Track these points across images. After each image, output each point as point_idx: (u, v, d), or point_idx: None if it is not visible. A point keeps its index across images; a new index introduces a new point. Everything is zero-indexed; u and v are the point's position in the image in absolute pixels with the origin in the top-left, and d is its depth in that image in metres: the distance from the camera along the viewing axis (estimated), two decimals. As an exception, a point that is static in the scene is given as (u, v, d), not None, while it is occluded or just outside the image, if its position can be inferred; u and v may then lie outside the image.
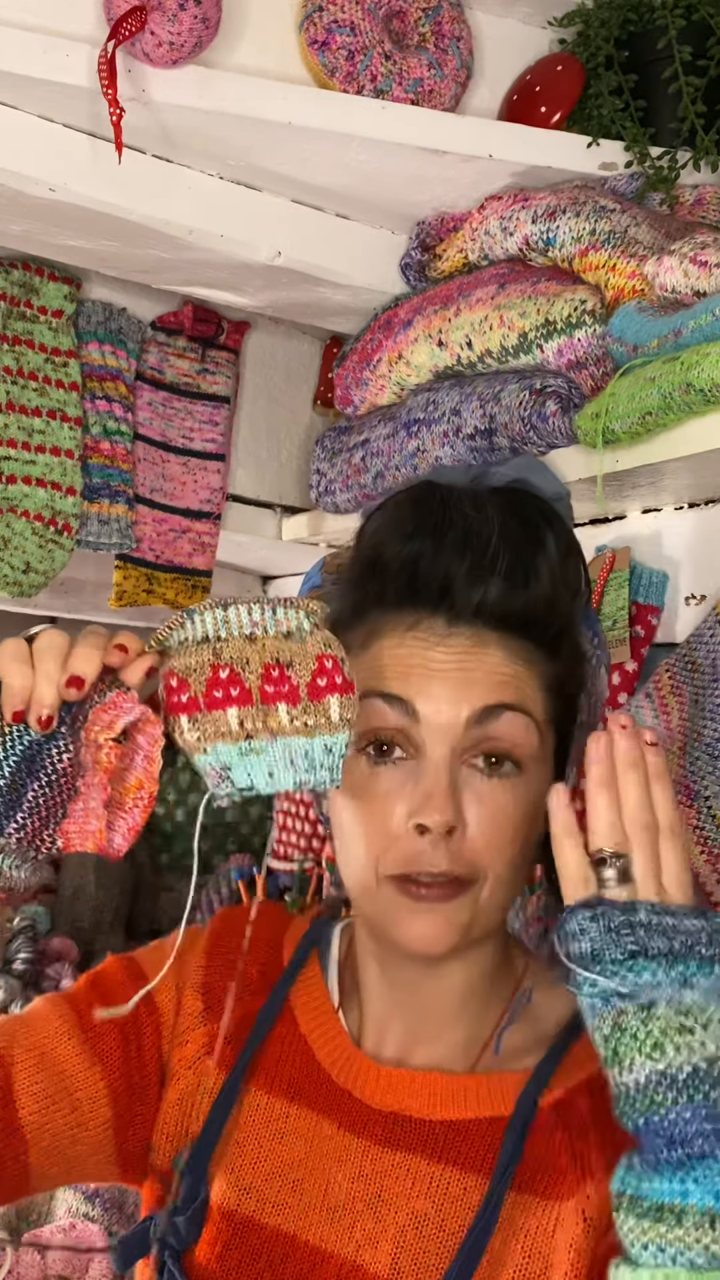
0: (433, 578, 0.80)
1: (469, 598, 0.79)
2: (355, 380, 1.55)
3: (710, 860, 1.10)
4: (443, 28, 1.42)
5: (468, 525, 0.80)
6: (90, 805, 0.76)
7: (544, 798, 0.81)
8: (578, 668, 0.85)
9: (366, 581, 0.84)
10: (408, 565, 0.81)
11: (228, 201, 1.41)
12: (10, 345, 1.58)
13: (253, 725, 0.76)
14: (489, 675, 0.79)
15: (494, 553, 0.79)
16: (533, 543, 0.80)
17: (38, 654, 0.75)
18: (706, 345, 1.03)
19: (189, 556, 1.73)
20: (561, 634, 0.83)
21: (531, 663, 0.81)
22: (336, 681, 0.76)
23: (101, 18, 1.26)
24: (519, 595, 0.79)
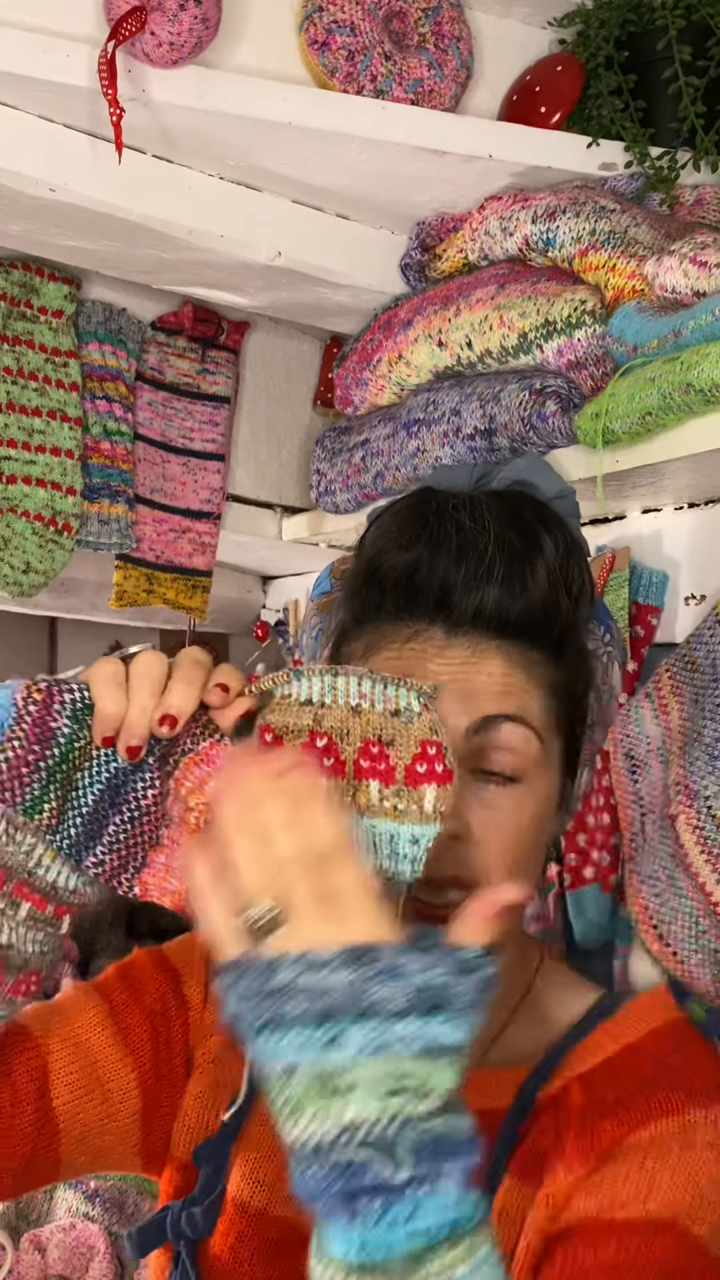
0: (429, 588, 0.80)
1: (466, 607, 0.79)
2: (355, 380, 1.55)
3: (710, 860, 1.10)
4: (443, 28, 1.42)
5: (463, 534, 0.80)
6: (173, 863, 0.73)
7: (549, 802, 0.82)
8: (583, 669, 0.85)
9: (365, 592, 0.85)
10: (405, 576, 0.81)
11: (228, 201, 1.41)
12: (10, 345, 1.58)
13: (340, 799, 0.71)
14: (487, 686, 0.79)
15: (490, 561, 0.79)
16: (529, 549, 0.80)
17: (134, 680, 0.72)
18: (706, 345, 1.03)
19: (189, 557, 1.73)
20: (563, 637, 0.83)
21: (532, 668, 0.81)
22: (437, 770, 0.71)
23: (101, 18, 1.26)
24: (516, 602, 0.79)
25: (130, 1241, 0.88)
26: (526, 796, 0.80)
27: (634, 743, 1.25)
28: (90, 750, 0.72)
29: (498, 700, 0.79)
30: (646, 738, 1.24)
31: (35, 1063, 0.86)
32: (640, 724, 1.25)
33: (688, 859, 1.12)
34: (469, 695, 0.79)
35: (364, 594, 0.85)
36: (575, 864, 1.30)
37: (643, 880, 1.17)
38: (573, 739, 0.86)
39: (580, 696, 0.85)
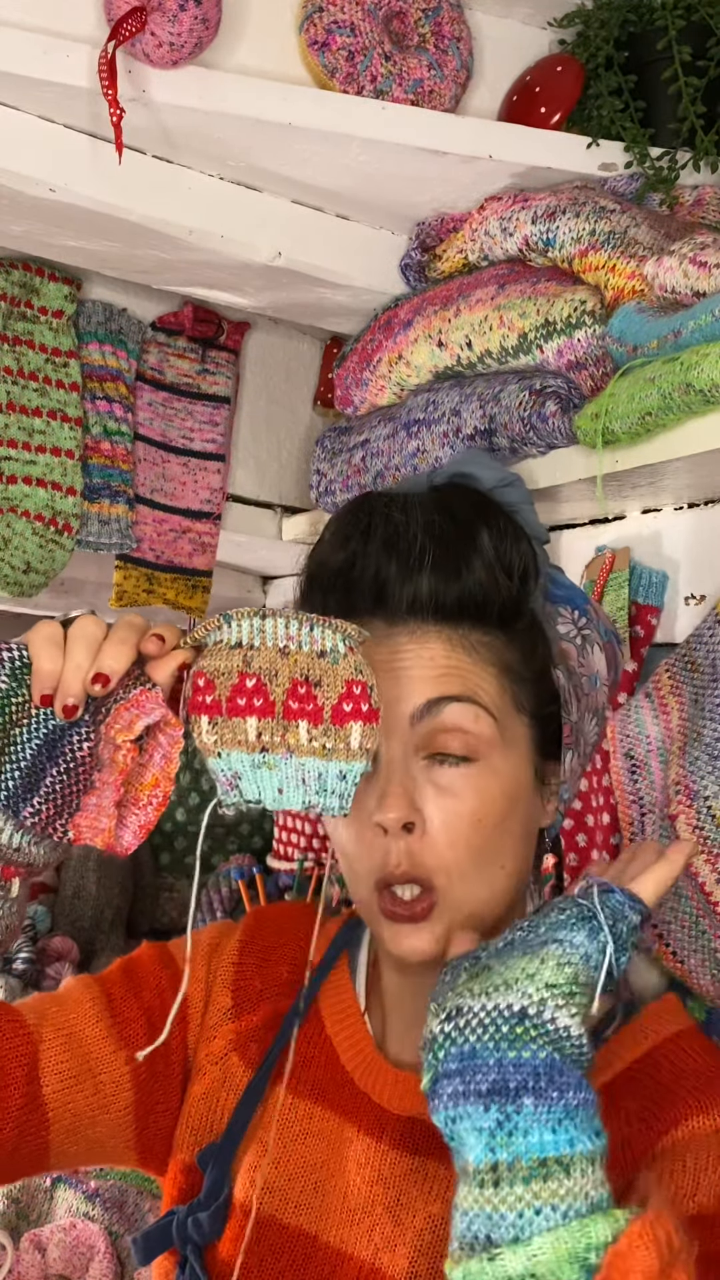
0: (365, 582, 0.82)
1: (402, 596, 0.81)
2: (355, 380, 1.55)
3: (710, 860, 1.10)
4: (443, 28, 1.42)
5: (393, 527, 0.82)
6: (103, 802, 0.77)
7: (517, 783, 0.82)
8: (539, 647, 0.85)
9: (310, 594, 0.87)
10: (342, 574, 0.84)
11: (228, 202, 1.41)
12: (10, 345, 1.58)
13: (270, 738, 0.76)
14: (428, 670, 0.81)
15: (421, 549, 0.81)
16: (461, 534, 0.82)
17: (70, 641, 0.75)
18: (706, 345, 1.03)
19: (189, 557, 1.73)
20: (509, 617, 0.83)
21: (477, 649, 0.82)
22: (362, 709, 0.75)
23: (101, 18, 1.26)
24: (451, 587, 0.81)
25: (135, 1247, 0.88)
26: (484, 776, 0.81)
27: (634, 743, 1.25)
28: (28, 708, 0.75)
29: (439, 683, 0.80)
30: (646, 738, 1.24)
31: (25, 1049, 0.86)
32: (640, 724, 1.25)
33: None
34: (411, 680, 0.80)
35: (309, 596, 0.87)
36: (575, 864, 1.30)
37: (642, 880, 1.17)
38: (545, 721, 0.86)
39: (541, 675, 0.85)
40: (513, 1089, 0.64)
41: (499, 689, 0.82)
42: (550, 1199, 0.61)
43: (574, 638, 0.88)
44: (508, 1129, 0.63)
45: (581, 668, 0.88)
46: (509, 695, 0.83)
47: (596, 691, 0.90)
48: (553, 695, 0.86)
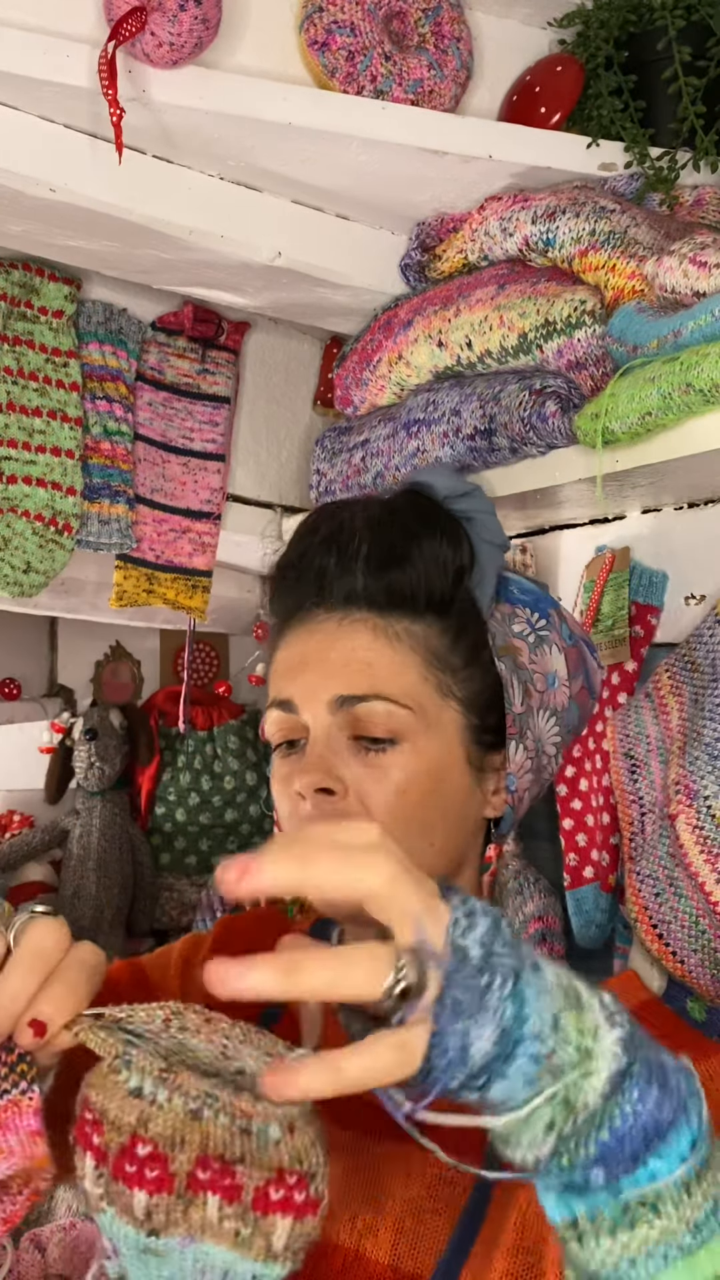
0: (309, 576, 0.88)
1: (338, 588, 0.87)
2: (355, 380, 1.55)
3: (710, 860, 1.10)
4: (443, 28, 1.42)
5: (337, 526, 0.89)
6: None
7: (441, 764, 0.85)
8: (471, 637, 0.89)
9: (272, 595, 0.93)
10: (293, 570, 0.90)
11: (228, 202, 1.41)
12: (11, 345, 1.58)
13: (163, 1219, 0.56)
14: (347, 664, 0.85)
15: (357, 543, 0.87)
16: (397, 532, 0.87)
17: (14, 961, 0.63)
18: (706, 345, 1.04)
19: (189, 556, 1.73)
20: (439, 608, 0.87)
21: (401, 637, 0.86)
22: (295, 1199, 0.57)
23: (101, 18, 1.26)
24: (382, 578, 0.86)
25: None
26: (406, 757, 0.84)
27: (634, 743, 1.25)
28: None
29: (354, 680, 0.84)
30: (646, 738, 1.24)
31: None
32: (640, 724, 1.25)
33: (687, 859, 1.12)
34: (328, 675, 0.85)
35: (272, 593, 0.93)
36: (575, 864, 1.30)
37: (642, 880, 1.17)
38: (485, 710, 0.89)
39: (470, 663, 0.89)
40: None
41: (418, 676, 0.86)
42: (642, 1247, 0.57)
43: (527, 636, 0.92)
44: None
45: (533, 664, 0.92)
46: (432, 683, 0.87)
47: (553, 691, 0.94)
48: (494, 685, 0.90)
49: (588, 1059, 0.56)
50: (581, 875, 1.29)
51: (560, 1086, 0.56)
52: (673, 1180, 0.56)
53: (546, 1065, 0.56)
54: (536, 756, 0.93)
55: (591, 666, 1.01)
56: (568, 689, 0.95)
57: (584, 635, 1.00)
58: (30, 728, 2.32)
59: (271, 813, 1.93)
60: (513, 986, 0.56)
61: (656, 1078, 0.58)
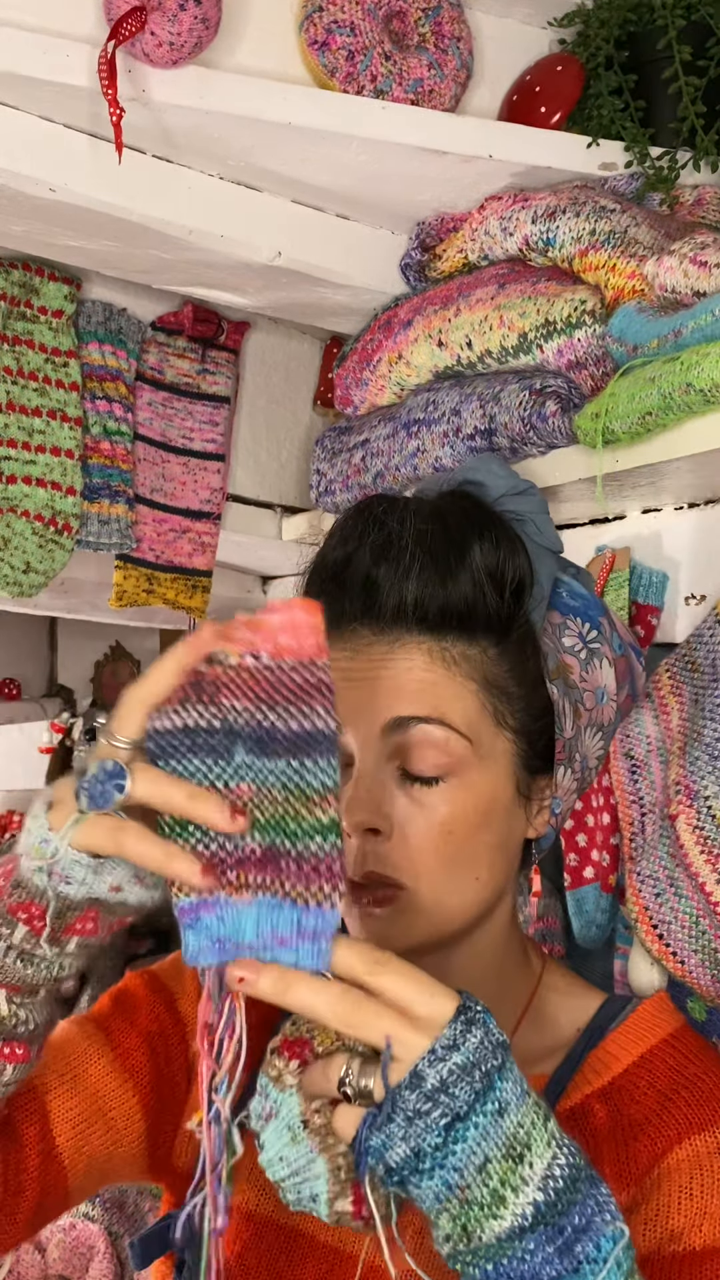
0: (355, 585, 0.82)
1: (388, 603, 0.81)
2: (355, 380, 1.55)
3: (710, 860, 1.10)
4: (443, 28, 1.42)
5: (386, 534, 0.82)
6: None
7: (493, 799, 0.82)
8: (530, 663, 0.84)
9: (308, 588, 0.88)
10: (335, 576, 0.84)
11: (228, 201, 1.41)
12: (10, 345, 1.58)
13: (317, 1119, 0.70)
14: (401, 686, 0.80)
15: (410, 557, 0.80)
16: (452, 544, 0.81)
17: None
18: (706, 345, 1.03)
19: (189, 556, 1.73)
20: (497, 631, 0.82)
21: (458, 663, 0.81)
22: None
23: (101, 18, 1.26)
24: (437, 596, 0.80)
25: (133, 1251, 0.87)
26: (456, 792, 0.80)
27: (634, 743, 1.25)
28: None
29: (412, 701, 0.80)
30: (646, 738, 1.24)
31: (33, 1105, 0.84)
32: (640, 724, 1.25)
33: (688, 859, 1.12)
34: (384, 694, 0.80)
35: (308, 588, 0.88)
36: (575, 864, 1.30)
37: (642, 880, 1.17)
38: (534, 736, 0.85)
39: (530, 690, 0.84)
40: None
41: (477, 705, 0.81)
42: None
43: (579, 651, 0.87)
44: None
45: (584, 682, 0.87)
46: (489, 711, 0.82)
47: (602, 707, 0.89)
48: (546, 708, 0.85)
49: (499, 1204, 0.62)
50: (581, 875, 1.29)
51: (461, 1215, 0.62)
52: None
53: (459, 1195, 0.62)
54: (581, 774, 0.89)
55: (637, 671, 0.97)
56: (615, 702, 0.91)
57: (631, 640, 0.95)
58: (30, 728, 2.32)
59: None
60: (446, 1124, 0.62)
61: (560, 1241, 0.62)
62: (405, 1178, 0.63)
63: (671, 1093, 0.81)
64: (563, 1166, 0.63)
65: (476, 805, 0.81)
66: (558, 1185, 0.62)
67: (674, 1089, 0.81)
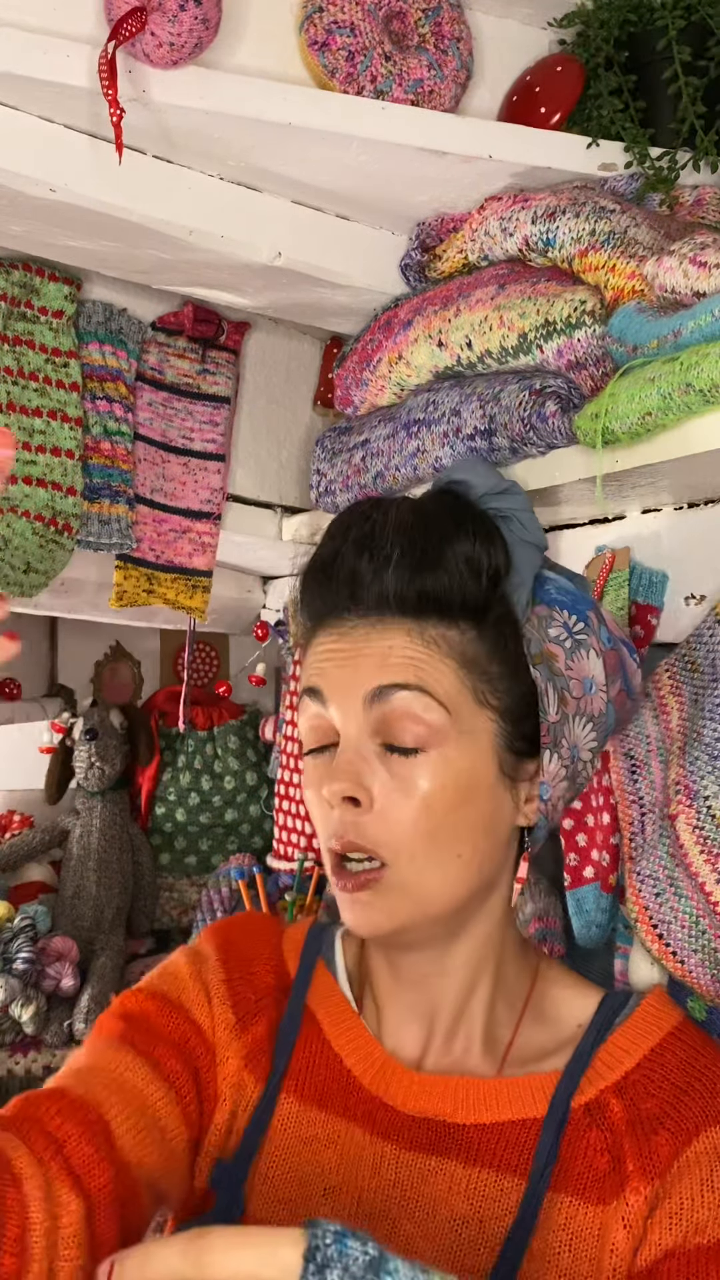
0: (342, 578, 0.87)
1: (371, 592, 0.86)
2: (355, 381, 1.55)
3: (710, 860, 1.10)
4: (443, 28, 1.42)
5: (370, 528, 0.87)
6: None
7: (475, 777, 0.84)
8: (507, 644, 0.88)
9: (302, 591, 0.93)
10: (324, 570, 0.89)
11: (228, 202, 1.41)
12: (11, 346, 1.58)
13: None
14: (384, 658, 0.84)
15: (390, 547, 0.85)
16: (429, 535, 0.86)
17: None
18: (706, 345, 1.03)
19: (189, 557, 1.73)
20: (475, 614, 0.86)
21: (437, 642, 0.85)
22: None
23: (101, 18, 1.26)
24: (414, 582, 0.85)
25: None
26: (435, 766, 0.83)
27: (634, 743, 1.25)
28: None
29: (392, 671, 0.84)
30: (646, 737, 1.24)
31: (95, 1120, 0.81)
32: (640, 724, 1.25)
33: (687, 859, 1.12)
34: (363, 668, 0.84)
35: (302, 594, 0.93)
36: (575, 864, 1.30)
37: (642, 880, 1.17)
38: (520, 719, 0.87)
39: (510, 671, 0.87)
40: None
41: (456, 681, 0.85)
42: None
43: (564, 640, 0.90)
44: None
45: (569, 670, 0.89)
46: (468, 688, 0.85)
47: (590, 697, 0.91)
48: (530, 692, 0.88)
49: None
50: (581, 875, 1.29)
51: None
52: None
53: None
54: (571, 764, 0.91)
55: (630, 668, 0.99)
56: (605, 694, 0.93)
57: (623, 636, 0.98)
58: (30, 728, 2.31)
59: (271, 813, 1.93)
60: None
61: None
62: None
63: (686, 1086, 0.83)
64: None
65: (456, 780, 0.84)
66: None
67: (687, 1082, 0.83)
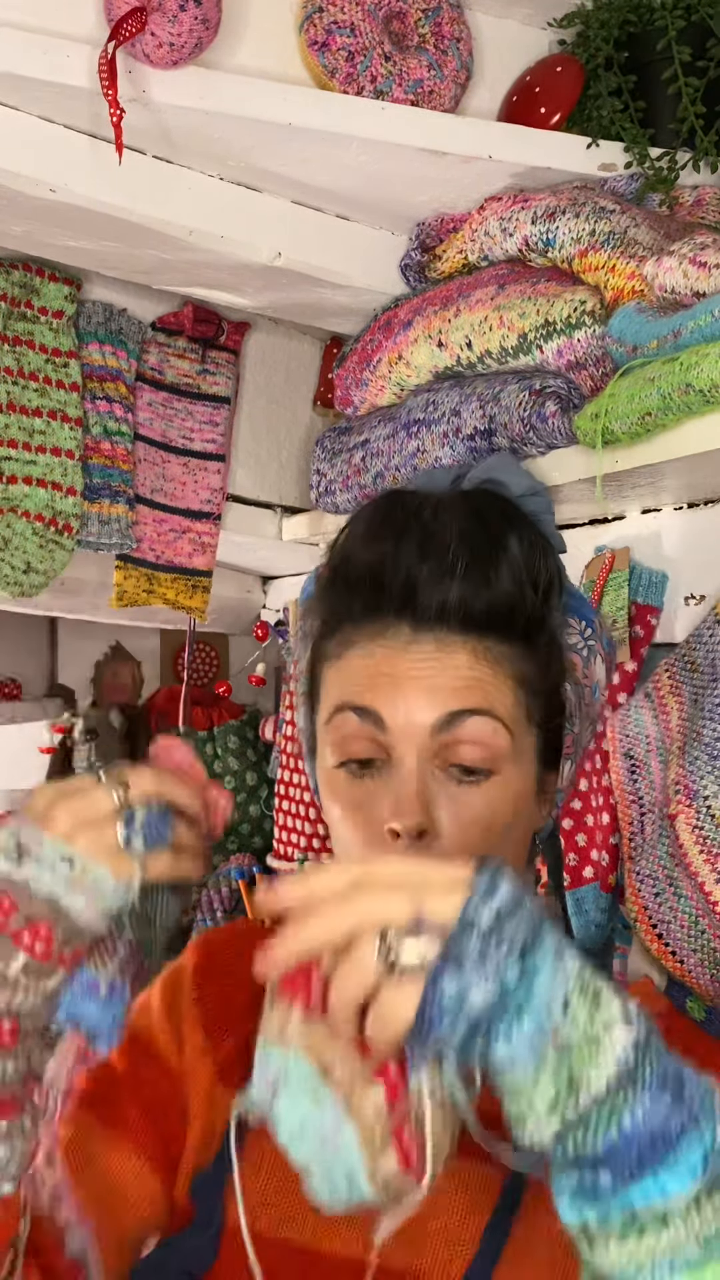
0: (395, 584, 0.81)
1: (431, 602, 0.80)
2: (355, 381, 1.55)
3: (710, 860, 1.10)
4: (443, 29, 1.42)
5: (426, 531, 0.81)
6: None
7: (522, 796, 0.82)
8: (555, 662, 0.85)
9: (334, 592, 0.85)
10: (371, 573, 0.82)
11: (228, 202, 1.41)
12: (11, 346, 1.58)
13: (338, 1073, 0.61)
14: (452, 680, 0.79)
15: (453, 555, 0.80)
16: (493, 543, 0.81)
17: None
18: (706, 346, 1.04)
19: (189, 557, 1.73)
20: (531, 631, 0.83)
21: (500, 662, 0.81)
22: (411, 1158, 0.61)
23: (101, 18, 1.26)
24: (481, 596, 0.80)
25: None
26: (497, 790, 0.80)
27: (633, 743, 1.25)
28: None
29: (462, 695, 0.79)
30: (646, 738, 1.24)
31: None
32: (640, 724, 1.25)
33: (687, 859, 1.12)
34: (435, 690, 0.79)
35: (333, 594, 0.86)
36: (575, 864, 1.30)
37: (642, 880, 1.17)
38: (550, 732, 0.86)
39: (554, 689, 0.85)
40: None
41: (515, 702, 0.81)
42: (649, 1256, 0.57)
43: (580, 649, 0.88)
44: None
45: (584, 679, 0.88)
46: (523, 708, 0.82)
47: (596, 702, 0.91)
48: (559, 706, 0.86)
49: (595, 1047, 0.56)
50: (581, 875, 1.29)
51: (562, 1065, 0.56)
52: (683, 1195, 0.56)
53: (553, 1040, 0.56)
54: (577, 767, 0.91)
55: (613, 667, 0.99)
56: (604, 696, 0.93)
57: (610, 636, 0.97)
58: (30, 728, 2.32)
59: (271, 813, 1.93)
60: (520, 954, 0.56)
61: (670, 1086, 0.57)
62: (492, 1030, 0.56)
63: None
64: (634, 1005, 0.59)
65: (515, 803, 0.81)
66: (641, 1022, 0.58)
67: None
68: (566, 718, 0.86)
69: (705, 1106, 0.58)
